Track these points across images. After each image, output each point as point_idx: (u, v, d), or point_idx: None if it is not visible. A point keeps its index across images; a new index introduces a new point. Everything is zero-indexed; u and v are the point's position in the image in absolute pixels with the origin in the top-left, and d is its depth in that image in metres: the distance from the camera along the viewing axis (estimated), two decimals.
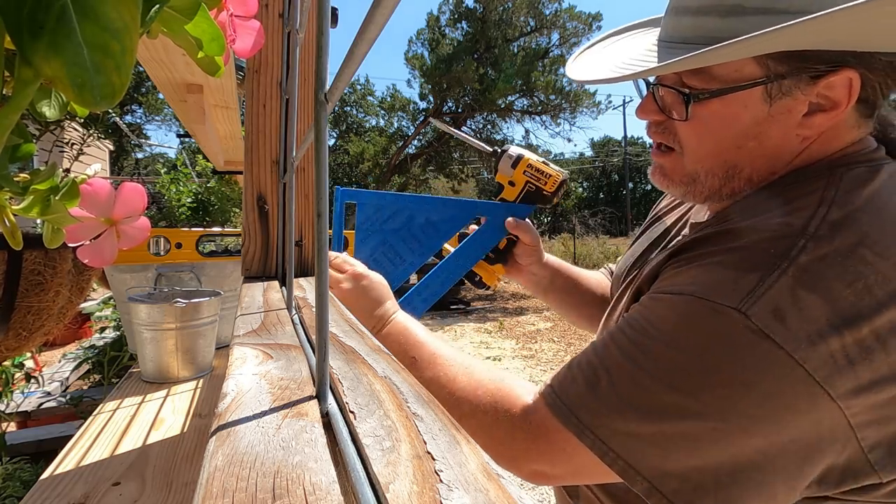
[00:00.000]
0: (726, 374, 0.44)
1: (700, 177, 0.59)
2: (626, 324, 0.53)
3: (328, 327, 0.35)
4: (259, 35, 0.40)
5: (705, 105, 0.54)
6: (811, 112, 0.52)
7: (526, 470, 0.54)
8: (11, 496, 1.37)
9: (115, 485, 0.77)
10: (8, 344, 0.77)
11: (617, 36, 0.71)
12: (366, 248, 0.88)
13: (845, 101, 0.50)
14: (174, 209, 1.93)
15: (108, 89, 0.17)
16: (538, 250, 0.96)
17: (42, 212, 0.34)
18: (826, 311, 0.43)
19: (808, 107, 0.52)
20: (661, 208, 0.87)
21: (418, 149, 17.68)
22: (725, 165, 0.57)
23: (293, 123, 0.73)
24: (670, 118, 0.59)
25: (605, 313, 0.77)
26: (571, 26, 15.63)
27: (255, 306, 0.65)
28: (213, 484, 0.24)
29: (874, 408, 0.44)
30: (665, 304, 0.51)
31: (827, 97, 0.51)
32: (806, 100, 0.51)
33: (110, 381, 2.24)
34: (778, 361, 0.43)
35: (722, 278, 0.48)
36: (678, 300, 0.50)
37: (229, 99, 1.91)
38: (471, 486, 0.23)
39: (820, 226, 0.47)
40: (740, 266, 0.47)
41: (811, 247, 0.46)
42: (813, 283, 0.44)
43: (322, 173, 0.32)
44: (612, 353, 0.52)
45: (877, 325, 0.43)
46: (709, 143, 0.57)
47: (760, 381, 0.43)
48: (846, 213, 0.48)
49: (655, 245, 0.77)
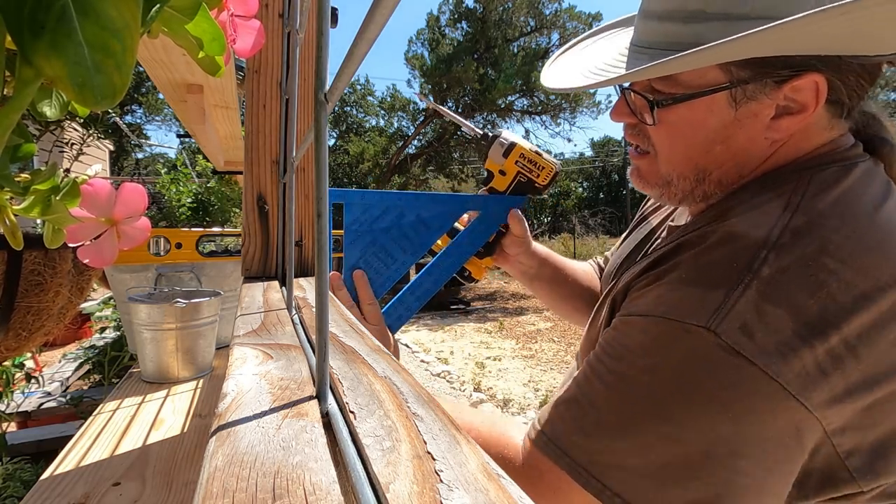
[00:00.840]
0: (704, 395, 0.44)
1: (673, 180, 0.60)
2: (603, 351, 0.53)
3: (328, 327, 0.35)
4: (259, 35, 0.40)
5: (672, 110, 0.55)
6: (778, 115, 0.51)
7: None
8: (12, 496, 1.37)
9: (115, 485, 0.77)
10: (8, 344, 0.77)
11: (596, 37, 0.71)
12: (355, 249, 0.87)
13: (813, 104, 0.50)
14: (174, 209, 1.93)
15: (109, 89, 0.17)
16: (527, 240, 0.95)
17: (43, 212, 0.34)
18: (792, 324, 0.43)
19: (776, 110, 0.51)
20: (647, 207, 0.86)
21: (418, 149, 17.68)
22: (696, 169, 0.57)
23: (293, 123, 0.73)
24: (642, 122, 0.59)
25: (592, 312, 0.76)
26: (571, 26, 15.62)
27: (255, 306, 0.65)
28: (213, 484, 0.24)
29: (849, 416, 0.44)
30: (638, 328, 0.51)
31: (794, 100, 0.50)
32: (772, 103, 0.51)
33: (110, 381, 2.24)
34: (751, 377, 0.42)
35: (688, 296, 0.47)
36: (648, 322, 0.49)
37: (229, 99, 1.91)
38: (471, 486, 0.23)
39: (782, 234, 0.47)
40: (705, 282, 0.47)
41: (772, 258, 0.45)
42: (777, 296, 0.44)
43: (322, 173, 0.32)
44: (594, 386, 0.51)
45: (845, 333, 0.42)
46: (679, 146, 0.57)
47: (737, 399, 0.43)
48: (809, 219, 0.47)
49: (641, 246, 0.77)
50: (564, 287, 0.98)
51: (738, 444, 0.44)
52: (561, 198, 26.19)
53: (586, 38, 0.72)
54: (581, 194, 27.49)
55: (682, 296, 0.48)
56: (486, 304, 9.25)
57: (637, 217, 0.88)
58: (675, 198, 0.62)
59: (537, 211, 25.20)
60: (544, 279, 0.98)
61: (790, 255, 0.45)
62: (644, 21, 0.56)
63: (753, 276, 0.45)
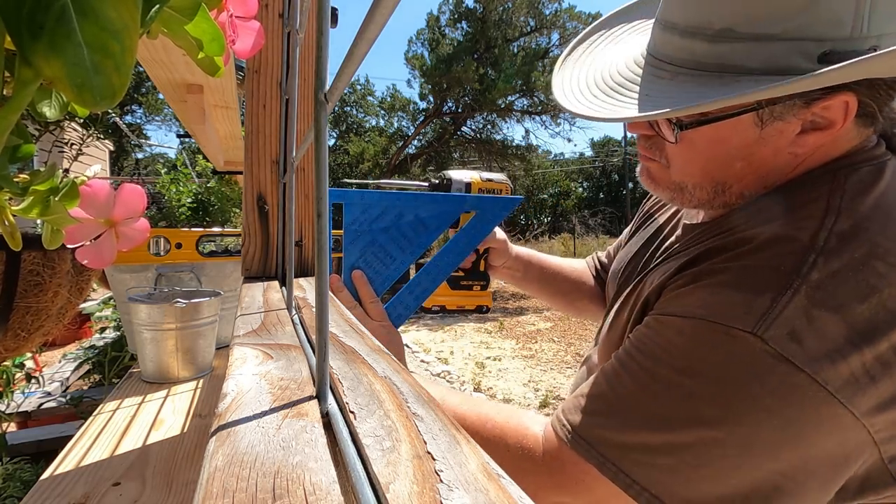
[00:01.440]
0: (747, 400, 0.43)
1: (688, 187, 0.59)
2: (635, 349, 0.52)
3: (328, 327, 0.35)
4: (259, 35, 0.40)
5: (695, 129, 0.53)
6: (805, 131, 0.51)
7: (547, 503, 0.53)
8: (12, 496, 1.37)
9: (115, 485, 0.77)
10: (7, 344, 0.77)
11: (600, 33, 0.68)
12: (355, 249, 0.88)
13: (841, 121, 0.49)
14: (174, 209, 1.93)
15: (108, 89, 0.17)
16: (508, 247, 0.99)
17: (41, 213, 0.34)
18: (843, 329, 0.42)
19: (802, 126, 0.50)
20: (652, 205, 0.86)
21: (418, 149, 17.67)
22: (713, 182, 0.57)
23: (293, 123, 0.73)
24: (659, 135, 0.58)
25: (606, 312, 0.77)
26: (571, 26, 15.62)
27: (255, 306, 0.65)
28: (213, 484, 0.24)
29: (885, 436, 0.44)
30: (675, 329, 0.50)
31: (822, 116, 0.49)
32: (799, 121, 0.50)
33: (111, 381, 2.24)
34: (799, 384, 0.42)
35: (732, 300, 0.46)
36: (688, 324, 0.49)
37: (229, 99, 1.91)
38: (471, 486, 0.23)
39: (829, 238, 0.46)
40: (750, 286, 0.46)
41: (822, 262, 0.45)
42: (827, 301, 0.43)
43: (322, 173, 0.32)
44: (624, 383, 0.51)
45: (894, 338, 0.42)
46: (696, 164, 0.56)
47: (783, 406, 0.42)
48: (854, 223, 0.46)
49: (649, 244, 0.76)
50: (553, 285, 1.02)
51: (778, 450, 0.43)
52: (561, 198, 26.19)
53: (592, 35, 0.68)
54: (581, 194, 27.47)
55: (725, 299, 0.47)
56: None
57: (640, 215, 0.88)
58: (690, 203, 0.60)
59: (537, 211, 25.20)
60: (534, 280, 1.02)
61: (839, 260, 0.45)
62: (663, 32, 0.53)
63: (802, 281, 0.44)
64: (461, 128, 16.82)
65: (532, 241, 16.46)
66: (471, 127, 16.92)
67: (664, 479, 0.46)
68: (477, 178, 0.98)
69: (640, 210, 0.90)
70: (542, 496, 0.53)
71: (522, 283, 1.03)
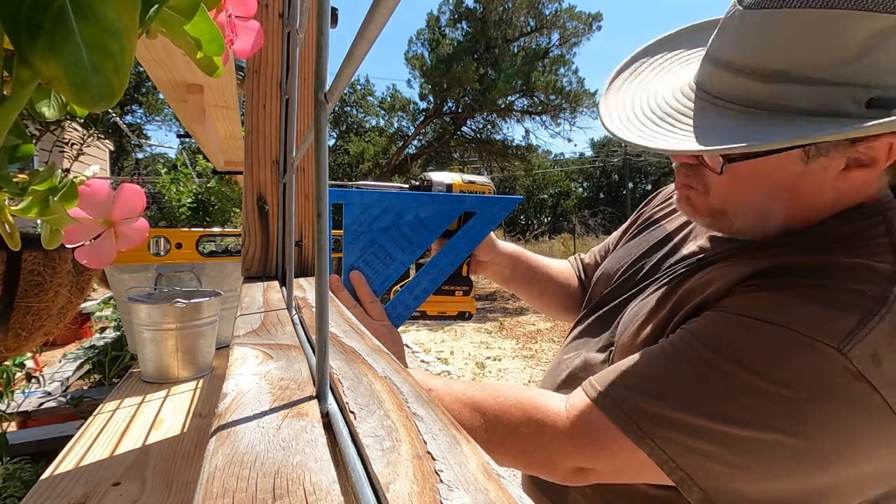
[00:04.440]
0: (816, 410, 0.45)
1: (728, 213, 0.60)
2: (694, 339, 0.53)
3: (328, 327, 0.35)
4: (258, 35, 0.40)
5: (741, 163, 0.54)
6: (849, 167, 0.53)
7: (563, 468, 0.55)
8: (12, 496, 1.37)
9: (115, 485, 0.77)
10: (7, 344, 0.77)
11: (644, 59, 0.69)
12: (355, 249, 0.88)
13: (884, 161, 0.52)
14: (174, 209, 1.93)
15: (107, 90, 0.17)
16: (494, 244, 0.99)
17: (41, 212, 0.34)
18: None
19: (846, 162, 0.53)
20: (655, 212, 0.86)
21: (418, 149, 17.67)
22: (756, 211, 0.58)
23: (293, 123, 0.73)
24: (704, 165, 0.59)
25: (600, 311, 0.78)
26: (571, 26, 15.62)
27: (255, 306, 0.65)
28: (213, 484, 0.24)
29: None
30: (745, 328, 0.51)
31: (867, 155, 0.52)
32: (843, 158, 0.52)
33: (111, 381, 2.24)
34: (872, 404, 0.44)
35: (817, 315, 0.48)
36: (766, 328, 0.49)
37: (229, 99, 1.91)
38: (471, 486, 0.23)
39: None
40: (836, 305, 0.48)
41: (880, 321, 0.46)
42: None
43: (322, 173, 0.32)
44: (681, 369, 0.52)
45: None
46: (738, 195, 0.58)
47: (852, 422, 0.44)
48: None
49: (656, 249, 0.77)
50: (541, 284, 1.02)
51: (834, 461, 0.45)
52: (561, 198, 26.19)
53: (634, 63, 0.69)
54: (581, 194, 27.48)
55: (811, 313, 0.48)
56: (486, 304, 9.26)
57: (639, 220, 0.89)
58: (730, 229, 0.62)
59: (537, 211, 25.19)
60: (521, 278, 1.02)
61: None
62: (716, 68, 0.54)
63: (888, 309, 0.46)
64: (461, 128, 16.82)
65: (532, 241, 16.45)
66: (471, 127, 16.92)
67: (705, 464, 0.47)
68: (459, 180, 0.97)
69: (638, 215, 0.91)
70: (560, 460, 0.54)
71: (510, 281, 1.02)
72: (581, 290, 1.02)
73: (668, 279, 0.67)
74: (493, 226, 0.93)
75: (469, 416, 0.59)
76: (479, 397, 0.61)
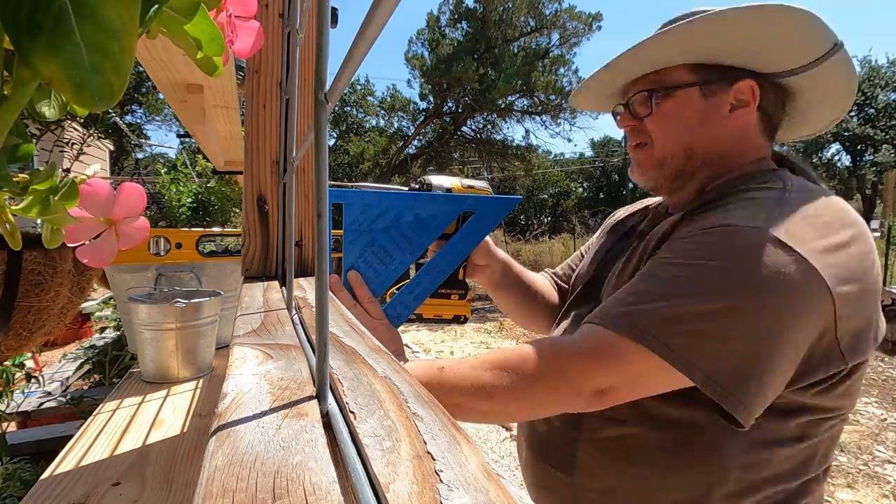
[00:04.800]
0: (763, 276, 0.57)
1: (667, 159, 0.78)
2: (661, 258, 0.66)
3: (328, 327, 0.35)
4: (258, 35, 0.40)
5: (663, 103, 0.76)
6: (733, 108, 0.74)
7: (588, 391, 0.62)
8: (12, 496, 1.37)
9: (115, 485, 0.77)
10: (8, 344, 0.77)
11: None
12: (355, 249, 0.88)
13: (753, 102, 0.74)
14: (174, 209, 1.92)
15: (107, 90, 0.17)
16: (490, 249, 1.03)
17: (41, 212, 0.34)
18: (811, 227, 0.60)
19: (730, 105, 0.74)
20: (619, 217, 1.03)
21: (418, 149, 17.67)
22: (684, 146, 0.77)
23: (293, 123, 0.73)
24: (641, 119, 0.80)
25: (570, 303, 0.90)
26: (571, 26, 15.62)
27: (255, 306, 0.65)
28: (213, 484, 0.24)
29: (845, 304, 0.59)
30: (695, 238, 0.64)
31: (740, 99, 0.74)
32: (727, 100, 0.74)
33: (111, 381, 2.24)
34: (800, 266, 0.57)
35: (742, 213, 0.62)
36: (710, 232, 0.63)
37: (229, 99, 1.91)
38: (471, 486, 0.23)
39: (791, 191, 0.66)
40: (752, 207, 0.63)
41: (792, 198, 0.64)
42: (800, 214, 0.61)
43: (322, 173, 0.32)
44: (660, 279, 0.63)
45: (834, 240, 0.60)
46: (669, 128, 0.77)
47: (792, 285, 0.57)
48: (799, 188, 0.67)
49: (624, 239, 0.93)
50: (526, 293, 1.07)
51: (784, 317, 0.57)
52: (561, 198, 26.18)
53: None
54: (581, 194, 27.45)
55: (737, 213, 0.63)
56: (486, 304, 9.25)
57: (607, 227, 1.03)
58: (670, 177, 0.79)
59: (537, 211, 25.18)
60: (510, 284, 1.06)
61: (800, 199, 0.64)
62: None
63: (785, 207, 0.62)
64: (461, 128, 16.82)
65: (532, 241, 16.44)
66: (471, 127, 16.91)
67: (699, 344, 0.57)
68: (458, 184, 0.98)
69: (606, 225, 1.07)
70: (584, 382, 0.61)
71: (500, 287, 1.05)
72: (560, 301, 1.07)
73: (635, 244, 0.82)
74: (492, 226, 0.93)
75: (491, 376, 0.63)
76: (495, 357, 0.65)
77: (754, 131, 0.76)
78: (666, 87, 0.75)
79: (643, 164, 0.81)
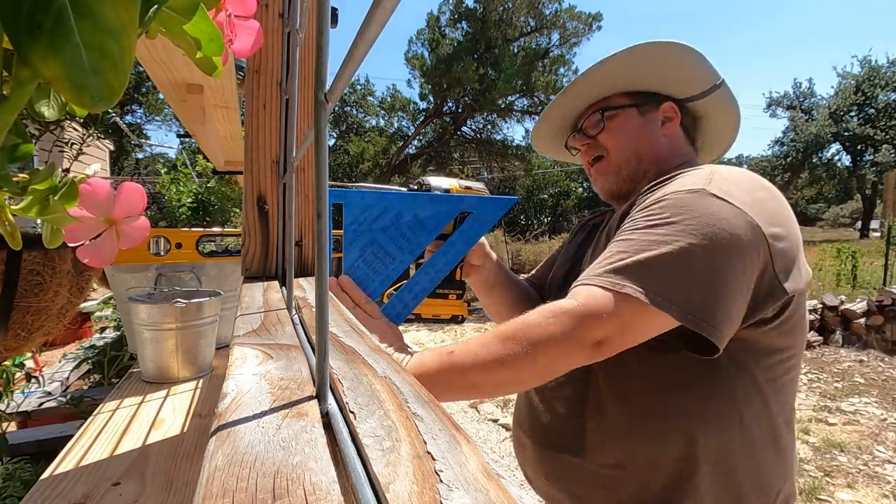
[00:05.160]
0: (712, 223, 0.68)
1: (622, 166, 0.95)
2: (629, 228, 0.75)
3: (328, 327, 0.35)
4: (258, 35, 0.40)
5: (612, 120, 0.96)
6: (664, 122, 0.94)
7: (588, 343, 0.68)
8: (12, 496, 1.37)
9: (115, 485, 0.77)
10: (7, 344, 0.77)
11: None
12: (354, 249, 0.88)
13: (676, 118, 0.94)
14: (174, 209, 1.92)
15: (106, 90, 0.17)
16: (485, 250, 1.07)
17: (41, 212, 0.34)
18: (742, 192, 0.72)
19: (662, 120, 0.94)
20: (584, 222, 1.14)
21: (418, 149, 17.67)
22: (634, 153, 0.94)
23: (293, 123, 0.73)
24: (594, 136, 0.97)
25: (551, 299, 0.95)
26: (571, 26, 15.62)
27: (255, 306, 0.65)
28: (213, 484, 0.24)
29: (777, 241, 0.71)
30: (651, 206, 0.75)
31: (667, 116, 0.94)
32: (658, 116, 0.94)
33: (110, 381, 2.24)
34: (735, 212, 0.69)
35: (684, 181, 0.76)
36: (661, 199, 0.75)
37: (229, 99, 1.91)
38: (471, 486, 0.23)
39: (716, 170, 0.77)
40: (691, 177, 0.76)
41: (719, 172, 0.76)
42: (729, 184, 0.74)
43: (322, 173, 0.32)
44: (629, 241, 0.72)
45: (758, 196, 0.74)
46: (621, 138, 0.95)
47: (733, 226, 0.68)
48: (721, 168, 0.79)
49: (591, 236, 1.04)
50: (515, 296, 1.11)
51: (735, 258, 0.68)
52: (561, 198, 26.16)
53: None
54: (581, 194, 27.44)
55: (677, 184, 0.76)
56: None
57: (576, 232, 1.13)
58: (627, 179, 0.95)
59: (537, 211, 25.18)
60: (503, 285, 1.10)
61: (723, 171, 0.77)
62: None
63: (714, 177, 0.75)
64: (461, 128, 16.82)
65: (532, 241, 16.43)
66: (471, 127, 16.91)
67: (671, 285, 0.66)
68: (456, 186, 1.01)
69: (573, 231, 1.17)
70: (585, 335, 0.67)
71: (493, 288, 1.09)
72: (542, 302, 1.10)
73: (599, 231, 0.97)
74: (489, 226, 0.94)
75: (502, 346, 0.67)
76: (501, 330, 0.70)
77: (682, 141, 0.96)
78: (611, 107, 0.95)
79: (604, 172, 0.97)
